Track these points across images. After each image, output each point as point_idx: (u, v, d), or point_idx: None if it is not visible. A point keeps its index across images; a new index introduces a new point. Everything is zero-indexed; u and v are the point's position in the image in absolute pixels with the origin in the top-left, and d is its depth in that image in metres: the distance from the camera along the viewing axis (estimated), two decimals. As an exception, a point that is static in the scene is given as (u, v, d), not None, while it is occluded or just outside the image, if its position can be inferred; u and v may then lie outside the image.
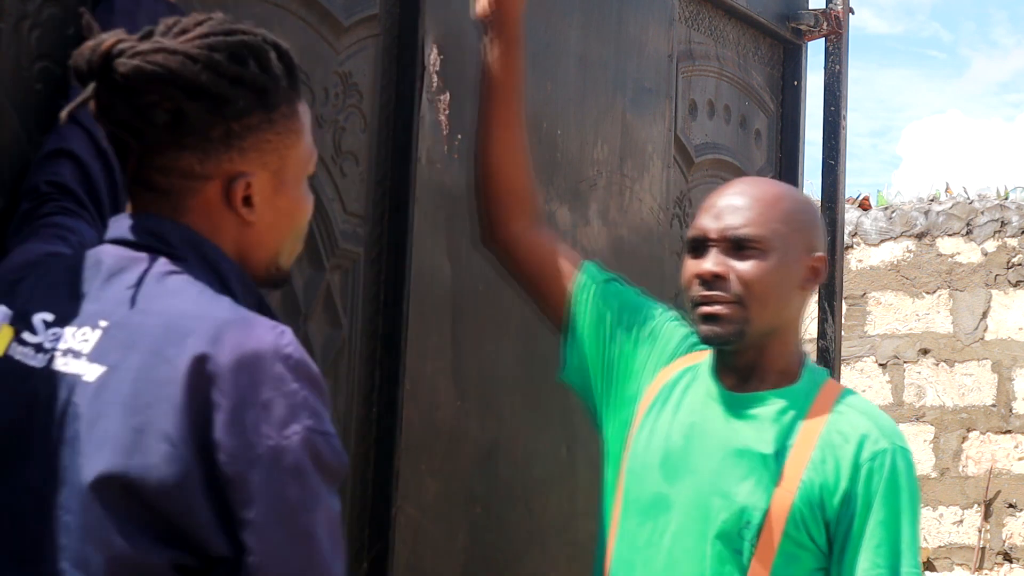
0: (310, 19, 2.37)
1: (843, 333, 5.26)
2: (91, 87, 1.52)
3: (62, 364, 1.49)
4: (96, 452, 1.44)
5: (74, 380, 1.48)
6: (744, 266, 2.06)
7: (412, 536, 2.52)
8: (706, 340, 2.09)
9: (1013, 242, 7.52)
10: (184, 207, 1.57)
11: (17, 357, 1.52)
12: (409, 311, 2.51)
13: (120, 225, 1.59)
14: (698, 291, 2.08)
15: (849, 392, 2.13)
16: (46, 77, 1.87)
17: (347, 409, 2.45)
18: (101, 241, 1.61)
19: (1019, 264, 7.48)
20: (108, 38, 1.52)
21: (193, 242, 1.56)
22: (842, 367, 4.30)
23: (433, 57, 2.55)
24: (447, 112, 2.59)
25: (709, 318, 2.06)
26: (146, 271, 1.53)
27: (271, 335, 1.49)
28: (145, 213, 1.58)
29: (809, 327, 3.11)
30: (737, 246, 2.07)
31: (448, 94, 2.59)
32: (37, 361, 1.50)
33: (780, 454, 2.03)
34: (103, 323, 1.50)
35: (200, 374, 1.44)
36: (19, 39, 1.83)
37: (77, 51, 1.54)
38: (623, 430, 2.16)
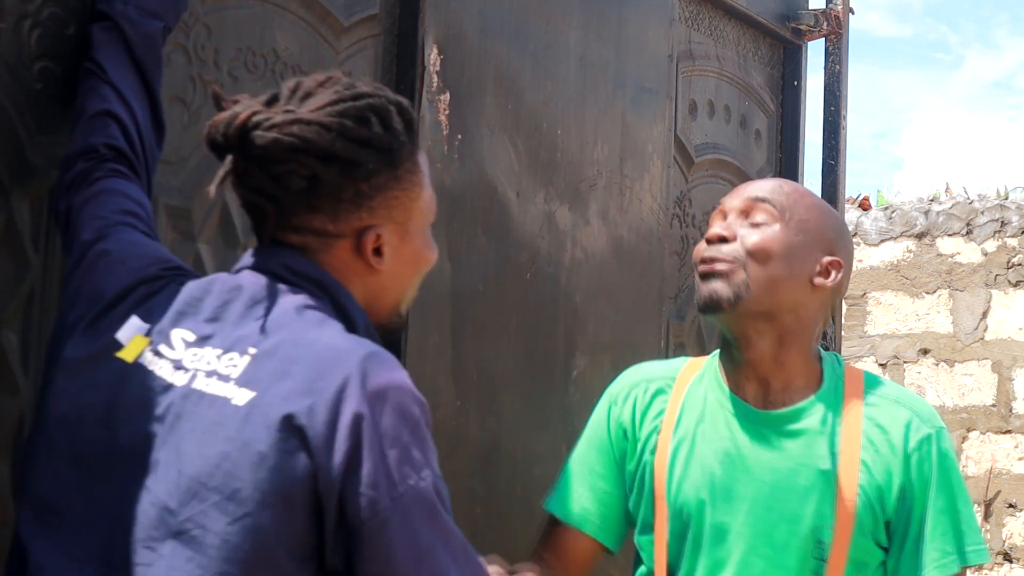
0: (310, 19, 2.37)
1: (843, 333, 5.26)
2: (230, 160, 1.58)
3: (205, 384, 1.52)
4: (252, 471, 1.46)
5: (222, 403, 1.50)
6: (751, 232, 2.01)
7: (412, 536, 2.52)
8: (705, 303, 2.00)
9: (1013, 242, 7.51)
10: (317, 260, 1.63)
11: (152, 368, 1.54)
12: (409, 311, 2.51)
13: (260, 255, 1.64)
14: (700, 252, 2.02)
15: (872, 379, 2.08)
16: (46, 77, 1.87)
17: (347, 409, 2.45)
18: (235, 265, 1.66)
19: (1019, 264, 7.48)
20: (241, 111, 1.58)
21: (326, 284, 1.62)
22: (842, 367, 4.28)
23: (433, 57, 2.55)
24: (447, 112, 2.59)
25: (707, 276, 2.00)
26: (288, 303, 1.58)
27: (405, 375, 1.55)
28: (285, 250, 1.63)
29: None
30: (751, 212, 2.02)
31: (448, 94, 2.59)
32: (177, 378, 1.53)
33: (833, 464, 1.98)
34: (252, 350, 1.53)
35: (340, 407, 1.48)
36: (19, 39, 1.83)
37: (211, 123, 1.60)
38: (642, 466, 2.09)
